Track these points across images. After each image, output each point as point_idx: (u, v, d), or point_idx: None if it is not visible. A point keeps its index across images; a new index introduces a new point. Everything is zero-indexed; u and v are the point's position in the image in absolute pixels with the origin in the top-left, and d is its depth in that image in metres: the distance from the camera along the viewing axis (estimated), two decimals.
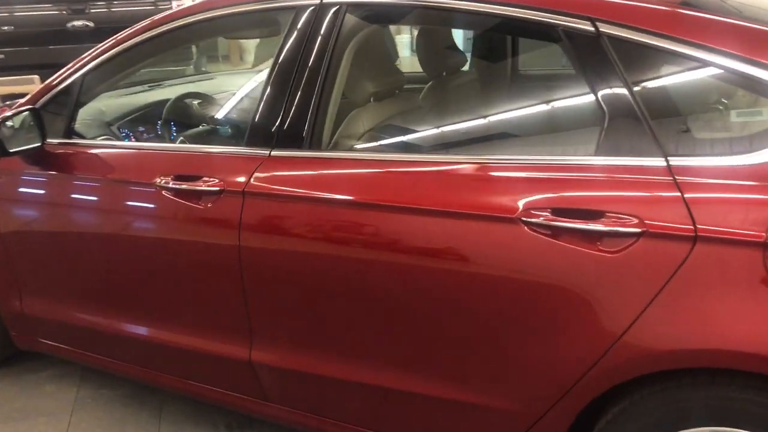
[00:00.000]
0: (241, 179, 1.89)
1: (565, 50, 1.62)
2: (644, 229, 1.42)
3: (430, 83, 2.59)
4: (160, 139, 2.66)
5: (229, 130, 2.42)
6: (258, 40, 3.80)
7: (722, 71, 1.46)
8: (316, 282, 1.82)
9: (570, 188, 1.53)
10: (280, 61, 1.95)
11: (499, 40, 2.87)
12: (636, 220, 1.43)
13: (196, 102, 2.73)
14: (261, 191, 1.86)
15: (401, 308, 1.72)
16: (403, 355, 1.76)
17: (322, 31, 1.89)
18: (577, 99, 1.68)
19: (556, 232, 1.50)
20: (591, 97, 1.56)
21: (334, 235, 1.78)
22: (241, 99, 2.99)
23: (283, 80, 1.92)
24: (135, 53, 2.21)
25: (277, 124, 1.90)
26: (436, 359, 1.72)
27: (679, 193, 1.41)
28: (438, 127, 2.06)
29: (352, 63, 1.96)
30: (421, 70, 2.64)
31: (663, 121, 1.50)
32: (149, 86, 3.20)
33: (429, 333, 1.70)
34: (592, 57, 1.55)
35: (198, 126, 2.57)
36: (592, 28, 1.55)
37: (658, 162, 1.46)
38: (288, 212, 1.84)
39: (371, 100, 2.16)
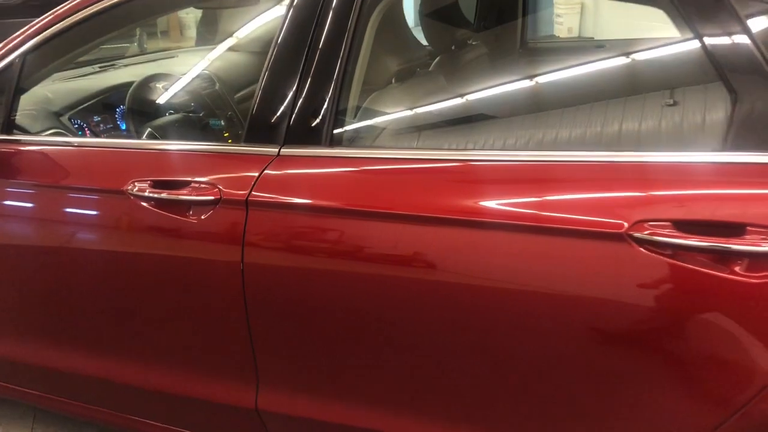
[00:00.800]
0: (244, 185, 1.48)
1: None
2: None
3: (437, 58, 2.21)
4: (124, 132, 2.20)
5: (221, 123, 1.98)
6: (200, 14, 3.35)
7: None
8: (346, 314, 1.44)
9: (700, 196, 1.19)
10: (284, 37, 1.53)
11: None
12: None
13: (163, 86, 2.28)
14: (270, 201, 1.46)
15: (470, 348, 1.35)
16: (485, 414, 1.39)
17: None
18: (688, 75, 1.33)
19: (681, 252, 1.16)
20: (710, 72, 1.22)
21: (369, 257, 1.39)
22: (226, 83, 2.57)
23: (291, 61, 1.51)
24: (91, 25, 1.76)
25: (287, 114, 1.50)
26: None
27: None
28: (487, 117, 1.68)
29: (375, 36, 1.56)
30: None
31: None
32: (100, 67, 2.71)
33: (504, 388, 1.34)
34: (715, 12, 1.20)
35: (171, 116, 2.13)
36: None
37: None
38: (306, 228, 1.44)
39: (393, 81, 1.76)
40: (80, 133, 2.14)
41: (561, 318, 1.24)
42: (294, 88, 1.49)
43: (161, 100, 2.24)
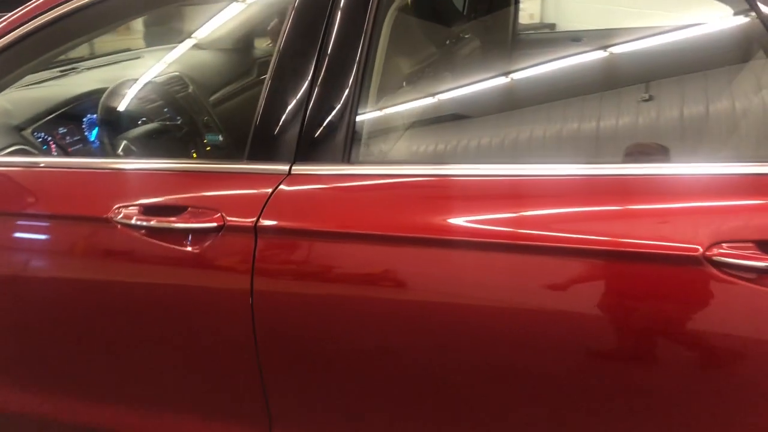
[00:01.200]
0: (251, 209, 1.30)
1: None
2: None
3: (436, 56, 2.05)
4: (96, 146, 1.98)
5: (218, 137, 1.77)
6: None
7: None
8: (375, 350, 1.28)
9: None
10: (290, 38, 1.35)
11: None
12: None
13: (136, 92, 2.07)
14: (284, 227, 1.28)
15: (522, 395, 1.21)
16: None
17: None
18: None
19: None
20: None
21: (400, 288, 1.23)
22: (199, 84, 2.36)
23: (300, 65, 1.33)
24: (63, 26, 1.54)
25: (297, 127, 1.32)
26: None
27: None
28: (523, 124, 1.52)
29: (390, 34, 1.39)
30: None
31: None
32: (60, 71, 2.46)
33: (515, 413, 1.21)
34: None
35: (148, 126, 1.92)
36: None
37: None
38: (327, 257, 1.27)
39: (404, 84, 1.60)
40: (45, 147, 1.92)
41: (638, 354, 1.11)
42: (304, 96, 1.32)
43: (135, 108, 2.02)
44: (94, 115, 2.08)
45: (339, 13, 1.32)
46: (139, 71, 2.31)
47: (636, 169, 1.17)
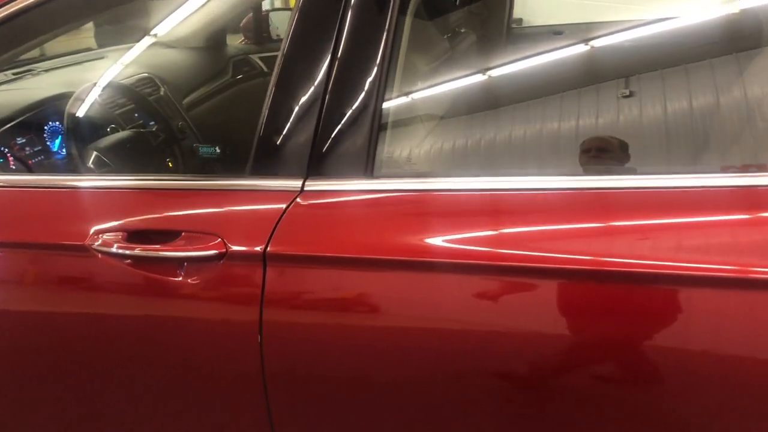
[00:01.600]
0: (259, 233, 1.11)
1: None
2: None
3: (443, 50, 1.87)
4: (61, 159, 1.75)
5: (215, 150, 1.55)
6: None
7: None
8: (410, 388, 1.10)
9: None
10: (298, 33, 1.16)
11: None
12: None
13: (105, 97, 1.85)
14: (299, 254, 1.09)
15: None
16: None
17: None
18: None
19: None
20: None
21: (436, 319, 1.05)
22: (171, 85, 2.14)
23: (311, 63, 1.14)
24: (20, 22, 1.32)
25: (310, 136, 1.13)
26: None
27: None
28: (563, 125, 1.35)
29: (412, 26, 1.21)
30: None
31: None
32: (15, 74, 2.21)
33: None
34: None
35: (121, 134, 1.70)
36: None
37: None
38: (352, 286, 1.08)
39: (426, 83, 1.41)
40: (1, 161, 1.68)
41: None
42: (317, 101, 1.12)
43: (105, 114, 1.80)
44: (57, 123, 1.85)
45: (355, 5, 1.13)
46: (105, 73, 2.08)
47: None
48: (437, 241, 1.03)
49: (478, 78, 1.52)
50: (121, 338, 1.22)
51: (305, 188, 1.12)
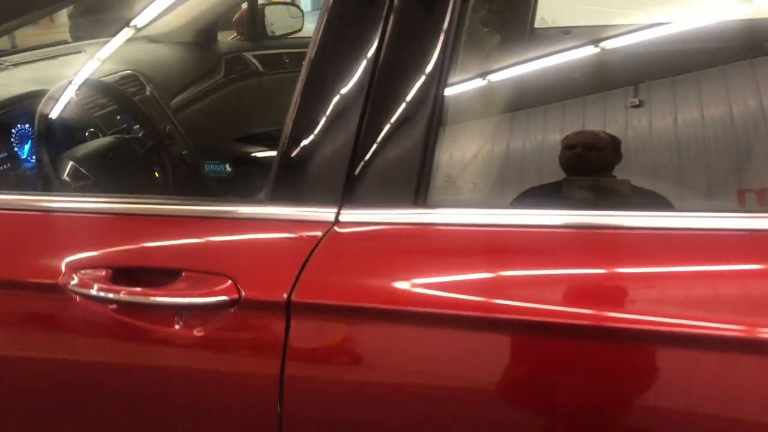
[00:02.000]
0: (281, 276, 0.87)
1: None
2: None
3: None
4: (35, 170, 1.50)
5: (225, 168, 1.28)
6: None
7: None
8: None
9: None
10: (330, 35, 0.93)
11: None
12: None
13: (82, 97, 1.60)
14: (332, 302, 0.86)
15: None
16: None
17: None
18: None
19: None
20: None
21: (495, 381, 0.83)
22: (157, 85, 1.91)
23: (349, 67, 0.91)
24: None
25: (346, 156, 0.90)
26: None
27: None
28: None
29: (469, 27, 0.99)
30: None
31: None
32: None
33: None
34: None
35: (101, 141, 1.46)
36: None
37: None
38: (401, 345, 0.86)
39: (487, 91, 1.18)
40: None
41: None
42: (356, 112, 0.90)
43: (82, 116, 1.56)
44: (26, 125, 1.60)
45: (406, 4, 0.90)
46: (83, 69, 1.83)
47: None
48: (515, 292, 0.81)
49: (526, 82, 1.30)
50: (100, 398, 0.99)
51: (340, 218, 0.89)
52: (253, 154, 1.97)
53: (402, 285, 0.84)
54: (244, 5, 2.64)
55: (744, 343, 0.73)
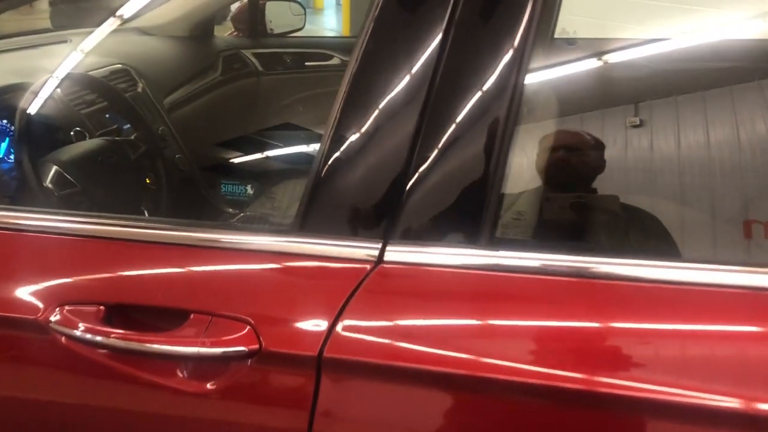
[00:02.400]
0: (312, 325, 0.73)
1: None
2: None
3: None
4: (13, 173, 1.33)
5: (247, 189, 1.11)
6: None
7: None
8: None
9: None
10: (383, 38, 0.77)
11: None
12: None
13: (69, 93, 1.44)
14: (375, 360, 0.71)
15: None
16: None
17: None
18: None
19: None
20: None
21: None
22: (150, 81, 1.75)
23: (400, 79, 0.76)
24: None
25: (394, 185, 0.75)
26: None
27: None
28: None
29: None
30: None
31: None
32: None
33: None
34: None
35: (89, 142, 1.30)
36: None
37: None
38: (457, 413, 0.71)
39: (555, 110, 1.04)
40: None
41: None
42: (408, 129, 0.75)
43: (67, 114, 1.39)
44: (4, 122, 1.44)
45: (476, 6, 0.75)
46: (68, 61, 1.65)
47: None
48: (600, 362, 0.66)
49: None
50: None
51: (385, 257, 0.74)
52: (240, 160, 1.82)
53: (457, 340, 0.69)
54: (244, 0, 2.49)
55: None
